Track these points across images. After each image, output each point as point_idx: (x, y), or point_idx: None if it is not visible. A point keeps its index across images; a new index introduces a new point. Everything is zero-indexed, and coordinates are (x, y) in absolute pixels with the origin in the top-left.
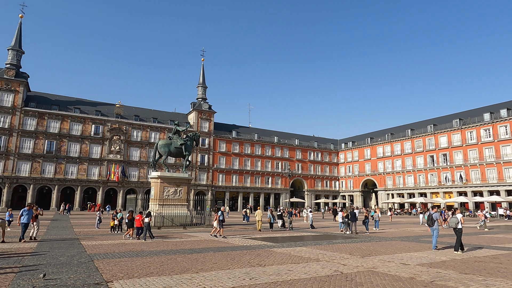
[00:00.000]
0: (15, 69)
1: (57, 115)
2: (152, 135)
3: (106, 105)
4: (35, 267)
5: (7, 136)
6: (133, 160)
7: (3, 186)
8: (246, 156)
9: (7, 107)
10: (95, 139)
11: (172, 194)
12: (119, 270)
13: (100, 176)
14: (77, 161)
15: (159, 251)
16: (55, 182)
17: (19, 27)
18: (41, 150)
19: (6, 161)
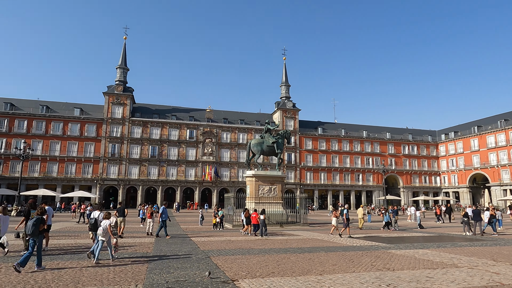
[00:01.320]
0: (123, 84)
1: (157, 123)
2: (240, 136)
3: (198, 111)
4: (161, 262)
5: (120, 144)
6: (224, 161)
7: (119, 187)
8: (334, 153)
9: (118, 118)
10: (190, 143)
11: (267, 192)
12: (239, 268)
13: (196, 176)
14: (176, 164)
15: (267, 249)
16: (159, 183)
17: (123, 48)
18: (147, 155)
19: (120, 166)
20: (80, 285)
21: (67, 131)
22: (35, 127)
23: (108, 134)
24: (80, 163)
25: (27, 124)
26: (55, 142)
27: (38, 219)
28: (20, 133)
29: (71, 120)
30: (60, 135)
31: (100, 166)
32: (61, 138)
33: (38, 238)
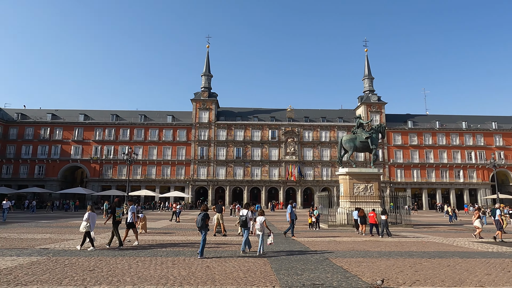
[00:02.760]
0: (208, 91)
1: (240, 125)
2: (322, 134)
3: (279, 111)
4: (279, 261)
5: (207, 147)
6: (307, 160)
7: (208, 187)
8: (427, 148)
9: (205, 122)
10: (273, 143)
11: (363, 191)
12: (372, 272)
13: (280, 176)
14: (259, 164)
15: (386, 252)
16: (244, 183)
17: (207, 56)
18: (232, 156)
19: (208, 167)
20: (218, 283)
21: (162, 137)
22: (136, 135)
23: (197, 138)
24: (174, 166)
25: (129, 132)
26: (153, 147)
27: (206, 214)
28: (124, 141)
29: (165, 127)
30: (156, 141)
31: (191, 168)
32: (157, 144)
33: (205, 230)
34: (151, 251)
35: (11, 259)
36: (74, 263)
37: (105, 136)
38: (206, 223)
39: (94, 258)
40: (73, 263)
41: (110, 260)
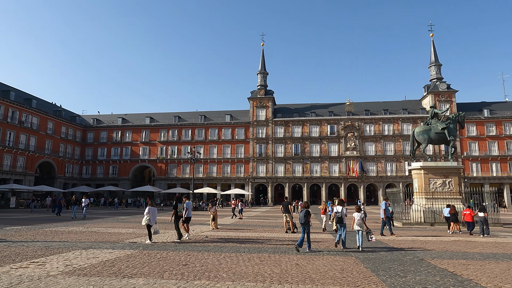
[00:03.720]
0: (264, 88)
1: (298, 121)
2: (385, 128)
3: (337, 105)
4: (371, 260)
5: (265, 144)
6: (369, 155)
7: (267, 185)
8: (509, 138)
9: (262, 120)
10: (332, 138)
11: (440, 186)
12: (488, 277)
13: (340, 172)
14: (319, 160)
15: (489, 253)
16: (304, 180)
17: (262, 54)
18: (290, 153)
19: (267, 165)
20: (318, 283)
21: (221, 136)
22: (197, 135)
23: (255, 136)
24: (233, 164)
25: (191, 132)
26: (213, 146)
27: (307, 211)
28: (186, 141)
29: (224, 126)
30: (216, 140)
31: (250, 165)
32: (217, 142)
33: (307, 226)
34: (232, 247)
35: (108, 252)
36: (166, 257)
37: (169, 137)
38: (308, 220)
39: (182, 252)
40: (165, 257)
41: (198, 255)
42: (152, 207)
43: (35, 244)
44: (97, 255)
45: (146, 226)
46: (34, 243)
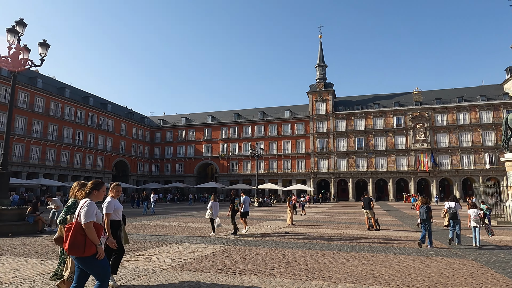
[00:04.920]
0: (323, 81)
1: (360, 113)
2: (460, 117)
3: (403, 95)
4: (484, 262)
5: (326, 139)
6: (441, 147)
7: (330, 180)
8: None
9: (322, 114)
10: (398, 130)
11: None
12: None
13: (409, 166)
14: (385, 154)
15: None
16: (368, 174)
17: (320, 46)
18: (353, 147)
19: (329, 160)
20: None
21: (281, 132)
22: (257, 131)
23: (315, 131)
24: (294, 159)
25: (251, 129)
26: (273, 142)
27: (428, 207)
28: (246, 138)
29: (283, 122)
30: (276, 136)
31: (311, 161)
32: (277, 138)
33: (428, 222)
34: (323, 244)
35: (202, 246)
36: (262, 253)
37: (230, 135)
38: (429, 216)
39: (275, 249)
40: (262, 254)
41: (294, 253)
42: (214, 201)
43: (131, 237)
44: (193, 250)
45: (210, 219)
46: (131, 236)
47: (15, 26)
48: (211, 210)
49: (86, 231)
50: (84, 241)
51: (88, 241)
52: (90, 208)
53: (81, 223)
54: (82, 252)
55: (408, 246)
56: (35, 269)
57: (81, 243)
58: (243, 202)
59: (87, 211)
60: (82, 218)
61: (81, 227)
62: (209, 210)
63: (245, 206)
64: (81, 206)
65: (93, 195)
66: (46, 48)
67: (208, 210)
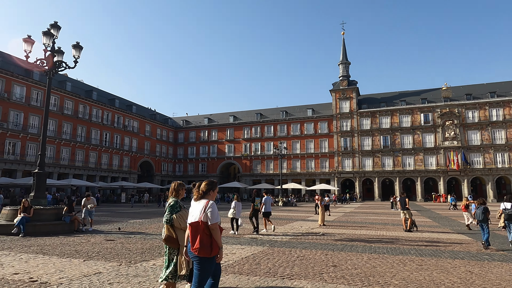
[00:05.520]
0: (346, 79)
1: (386, 111)
2: (493, 113)
3: (431, 91)
4: None
5: (350, 137)
6: (473, 144)
7: (354, 179)
8: None
9: (346, 112)
10: (426, 128)
11: None
12: None
13: (438, 165)
14: (412, 152)
15: None
16: (395, 174)
17: (343, 43)
18: (378, 146)
19: (353, 159)
20: None
21: (304, 131)
22: (279, 130)
23: (339, 129)
24: (317, 159)
25: (273, 129)
26: (295, 142)
27: (486, 208)
28: (269, 137)
29: (306, 120)
30: (299, 135)
31: (335, 160)
32: (300, 138)
33: (486, 223)
34: (363, 246)
35: (240, 248)
36: (302, 255)
37: (252, 134)
38: (487, 217)
39: (316, 251)
40: (303, 256)
41: (337, 255)
42: (237, 201)
43: None
44: (231, 251)
45: (231, 218)
46: None
47: (50, 29)
48: (234, 209)
49: (212, 232)
50: (210, 241)
51: (214, 242)
52: (215, 209)
53: (208, 224)
54: (209, 253)
55: (456, 250)
56: (80, 270)
57: (208, 244)
58: (264, 202)
59: (213, 212)
60: (210, 219)
61: (207, 227)
62: (232, 209)
63: (266, 206)
64: (204, 206)
65: (209, 195)
66: (79, 50)
67: (231, 209)
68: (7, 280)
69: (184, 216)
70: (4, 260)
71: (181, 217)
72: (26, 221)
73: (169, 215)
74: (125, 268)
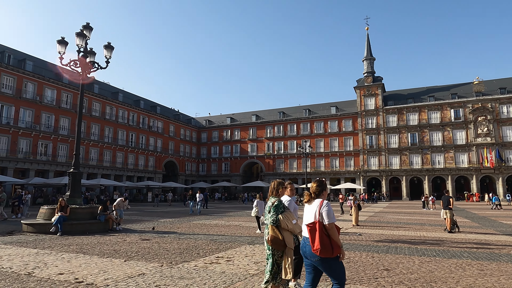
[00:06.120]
0: (371, 75)
1: (413, 107)
2: None
3: (461, 86)
4: None
5: (376, 135)
6: (508, 141)
7: (381, 178)
8: None
9: (371, 109)
10: (457, 124)
11: None
12: None
13: (470, 163)
14: (442, 150)
15: None
16: (424, 172)
17: (367, 38)
18: (406, 143)
19: (379, 157)
20: None
21: (328, 129)
22: (302, 129)
23: (364, 127)
24: (342, 157)
25: (296, 127)
26: (319, 140)
27: None
28: (292, 136)
29: (330, 118)
30: (322, 133)
31: (360, 158)
32: (323, 136)
33: None
34: (408, 248)
35: None
36: (348, 257)
37: (275, 133)
38: None
39: (361, 253)
40: (349, 258)
41: (384, 258)
42: (260, 200)
43: (198, 236)
44: None
45: (256, 217)
46: (197, 236)
47: (82, 30)
48: (256, 208)
49: (329, 232)
50: (329, 242)
51: (334, 242)
52: (330, 209)
53: (324, 224)
54: (331, 253)
55: None
56: (123, 270)
57: (328, 244)
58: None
59: (329, 211)
60: (325, 219)
61: (324, 227)
62: (255, 208)
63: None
64: (319, 206)
65: (322, 195)
66: (110, 50)
67: (254, 208)
68: (53, 281)
69: (290, 216)
70: (47, 260)
71: (287, 217)
72: (63, 220)
73: (274, 215)
74: (167, 269)
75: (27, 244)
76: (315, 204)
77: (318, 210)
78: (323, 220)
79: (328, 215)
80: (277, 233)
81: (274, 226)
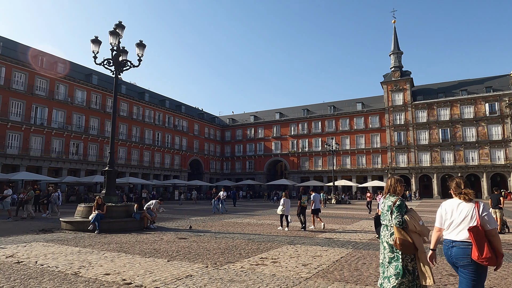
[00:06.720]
0: (399, 70)
1: (444, 102)
2: None
3: (496, 79)
4: None
5: (404, 131)
6: None
7: (410, 176)
8: None
9: (399, 105)
10: (492, 119)
11: None
12: None
13: (507, 159)
14: (475, 146)
15: None
16: (456, 169)
17: (394, 32)
18: (437, 140)
19: (408, 154)
20: None
21: (353, 126)
22: (327, 126)
23: (391, 123)
24: (368, 154)
25: (321, 124)
26: (345, 137)
27: None
28: (316, 133)
29: (356, 115)
30: (348, 130)
31: (388, 155)
32: (349, 133)
33: None
34: None
35: (320, 249)
36: None
37: (299, 131)
38: None
39: None
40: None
41: (438, 260)
42: (286, 198)
43: (234, 235)
44: (314, 253)
45: (280, 215)
46: (233, 235)
47: (115, 28)
48: (283, 206)
49: (492, 239)
50: (492, 249)
51: (496, 250)
52: (490, 213)
53: (487, 230)
54: (495, 262)
55: None
56: (169, 271)
57: (493, 252)
58: (313, 199)
59: (490, 215)
60: (488, 224)
61: (483, 233)
62: (281, 206)
63: (315, 204)
64: (477, 209)
65: None
66: (142, 48)
67: (280, 206)
68: (101, 282)
69: (416, 217)
70: (91, 259)
71: (413, 218)
72: (100, 218)
73: (400, 216)
74: (214, 270)
75: (68, 242)
76: (469, 205)
77: (478, 214)
78: (486, 225)
79: (490, 219)
80: (405, 236)
81: (400, 228)
